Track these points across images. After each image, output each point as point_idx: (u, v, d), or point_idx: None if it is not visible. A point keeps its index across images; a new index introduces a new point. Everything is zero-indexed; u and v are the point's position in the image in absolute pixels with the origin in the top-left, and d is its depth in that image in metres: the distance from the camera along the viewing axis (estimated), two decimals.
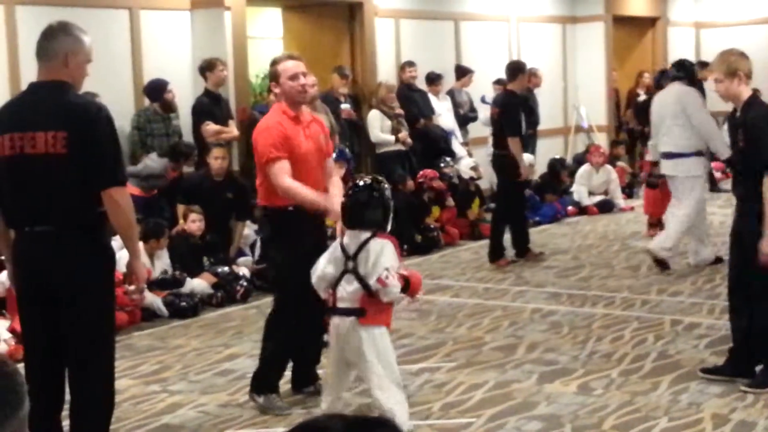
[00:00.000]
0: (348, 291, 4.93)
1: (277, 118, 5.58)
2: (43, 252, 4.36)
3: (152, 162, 8.98)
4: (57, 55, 4.40)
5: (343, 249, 4.97)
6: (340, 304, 4.96)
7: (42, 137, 4.26)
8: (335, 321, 5.00)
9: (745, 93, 5.59)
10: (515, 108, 9.53)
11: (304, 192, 5.44)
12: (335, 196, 5.51)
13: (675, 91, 8.99)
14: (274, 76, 5.64)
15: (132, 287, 4.63)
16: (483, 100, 13.00)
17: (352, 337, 4.94)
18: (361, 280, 4.89)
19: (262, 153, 5.50)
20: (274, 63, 5.68)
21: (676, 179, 8.96)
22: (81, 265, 4.35)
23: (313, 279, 5.07)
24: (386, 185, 5.16)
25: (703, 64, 15.06)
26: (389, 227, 5.07)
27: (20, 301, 4.61)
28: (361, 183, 5.18)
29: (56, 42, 4.42)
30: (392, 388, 4.95)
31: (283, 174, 5.41)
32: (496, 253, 9.70)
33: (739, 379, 5.75)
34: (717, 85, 5.62)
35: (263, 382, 5.64)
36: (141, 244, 5.66)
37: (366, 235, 4.94)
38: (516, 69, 9.78)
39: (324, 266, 5.01)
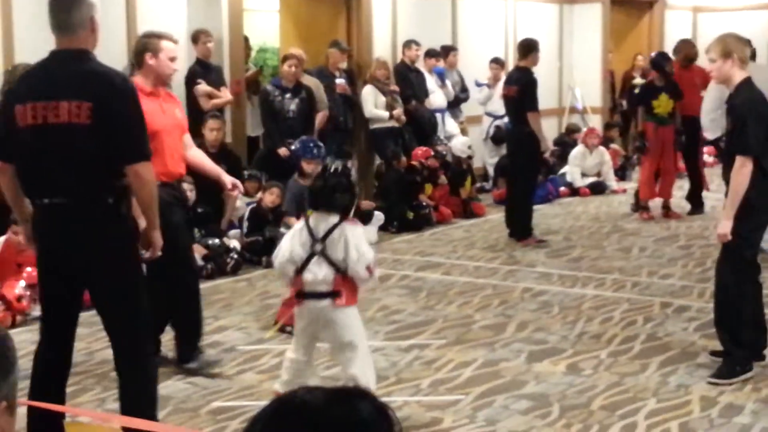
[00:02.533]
0: (320, 276, 4.89)
1: None
2: (60, 225, 4.28)
3: None
4: (83, 23, 4.28)
5: (311, 232, 4.94)
6: (311, 288, 4.92)
7: (66, 106, 4.15)
8: (309, 305, 4.95)
9: (738, 77, 5.56)
10: (532, 83, 9.57)
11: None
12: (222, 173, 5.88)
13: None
14: (154, 48, 5.58)
15: (147, 254, 4.59)
16: (477, 84, 12.97)
17: (328, 320, 4.93)
18: (333, 264, 4.87)
19: None
20: (156, 36, 5.66)
21: None
22: (100, 239, 4.27)
23: (278, 263, 5.02)
24: (353, 173, 5.24)
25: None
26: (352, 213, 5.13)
27: (39, 270, 4.55)
28: (332, 168, 5.20)
29: (78, 9, 4.30)
30: (366, 365, 4.96)
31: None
32: (525, 232, 9.70)
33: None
34: (710, 65, 5.64)
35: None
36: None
37: (335, 218, 4.93)
38: (528, 46, 9.81)
39: (291, 249, 4.95)
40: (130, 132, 4.25)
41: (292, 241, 4.98)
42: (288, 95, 9.77)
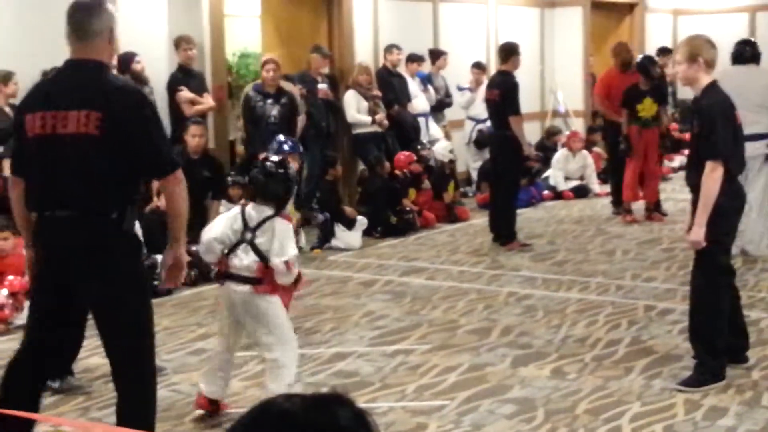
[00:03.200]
0: (245, 262, 5.05)
1: None
2: (63, 240, 4.13)
3: None
4: (102, 32, 4.15)
5: (245, 220, 5.09)
6: (235, 272, 5.08)
7: (75, 116, 4.02)
8: (231, 287, 5.09)
9: (704, 80, 5.49)
10: (514, 87, 9.59)
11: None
12: None
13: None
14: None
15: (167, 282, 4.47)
16: (459, 88, 12.99)
17: (249, 305, 5.08)
18: (259, 253, 5.03)
19: None
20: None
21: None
22: (101, 254, 4.12)
23: (206, 239, 5.15)
24: (292, 168, 5.36)
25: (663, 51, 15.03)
26: (287, 208, 5.29)
27: (34, 287, 4.41)
28: (269, 160, 5.35)
29: (99, 17, 4.17)
30: (287, 348, 5.09)
31: None
32: (509, 236, 9.71)
33: (734, 365, 5.77)
34: (676, 66, 5.59)
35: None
36: None
37: (269, 211, 5.09)
38: (509, 50, 9.82)
39: (223, 230, 5.11)
40: (155, 146, 4.11)
41: (224, 224, 5.15)
42: (270, 101, 9.75)
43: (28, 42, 8.47)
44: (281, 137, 8.04)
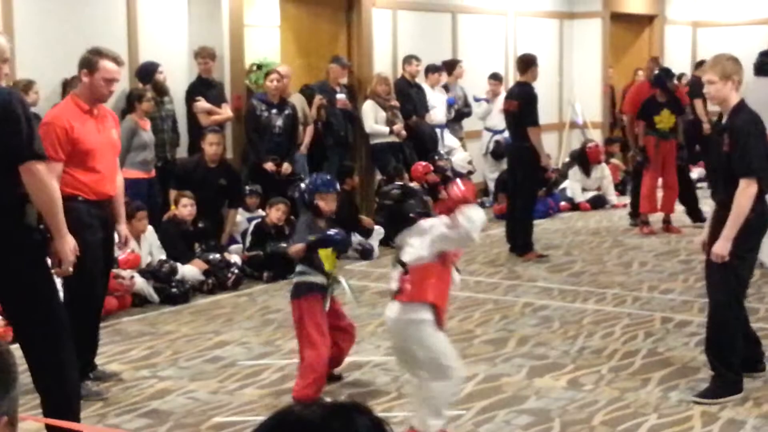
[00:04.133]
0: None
1: (66, 111, 5.56)
2: None
3: (145, 134, 8.84)
4: None
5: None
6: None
7: None
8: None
9: (734, 99, 5.55)
10: (533, 98, 9.62)
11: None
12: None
13: None
14: (90, 65, 5.54)
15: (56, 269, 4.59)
16: (476, 99, 13.00)
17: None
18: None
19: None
20: (97, 54, 5.58)
21: None
22: (2, 249, 4.33)
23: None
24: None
25: (700, 64, 15.08)
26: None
27: None
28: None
29: None
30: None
31: (52, 174, 4.96)
32: (526, 246, 9.71)
33: (752, 375, 5.79)
34: (709, 87, 5.58)
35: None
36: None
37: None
38: (528, 61, 9.86)
39: None
40: (18, 135, 4.28)
41: None
42: (274, 111, 9.83)
43: (49, 51, 8.53)
44: (319, 177, 6.60)
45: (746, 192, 5.38)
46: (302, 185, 5.91)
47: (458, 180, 5.01)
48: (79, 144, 5.51)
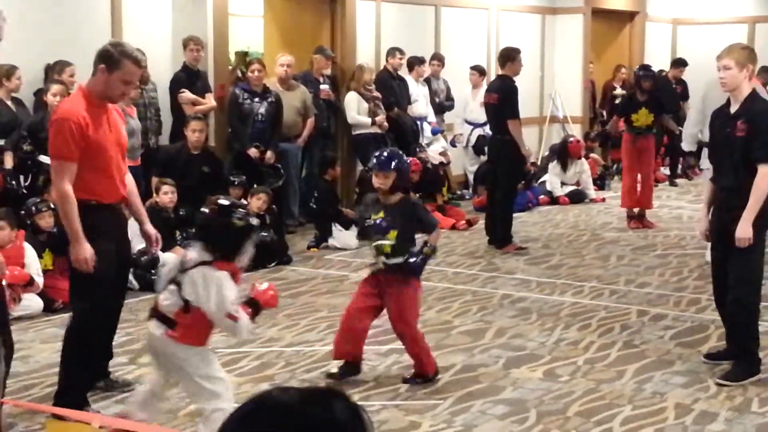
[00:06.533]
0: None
1: (79, 106, 5.07)
2: None
3: (132, 121, 8.81)
4: None
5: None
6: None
7: None
8: None
9: (747, 87, 5.71)
10: (513, 91, 9.69)
11: (75, 215, 4.86)
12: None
13: None
14: (111, 62, 5.05)
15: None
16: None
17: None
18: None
19: (53, 145, 5.04)
20: (121, 52, 5.08)
21: None
22: None
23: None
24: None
25: (678, 62, 15.21)
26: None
27: None
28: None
29: None
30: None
31: (65, 176, 4.92)
32: (505, 239, 9.77)
33: (718, 362, 5.98)
34: (725, 72, 5.65)
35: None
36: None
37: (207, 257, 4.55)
38: (509, 55, 9.92)
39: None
40: None
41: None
42: (257, 99, 9.88)
43: (31, 37, 8.52)
44: (386, 152, 6.08)
45: (766, 178, 5.54)
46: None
47: (267, 284, 4.76)
48: (93, 142, 5.02)
